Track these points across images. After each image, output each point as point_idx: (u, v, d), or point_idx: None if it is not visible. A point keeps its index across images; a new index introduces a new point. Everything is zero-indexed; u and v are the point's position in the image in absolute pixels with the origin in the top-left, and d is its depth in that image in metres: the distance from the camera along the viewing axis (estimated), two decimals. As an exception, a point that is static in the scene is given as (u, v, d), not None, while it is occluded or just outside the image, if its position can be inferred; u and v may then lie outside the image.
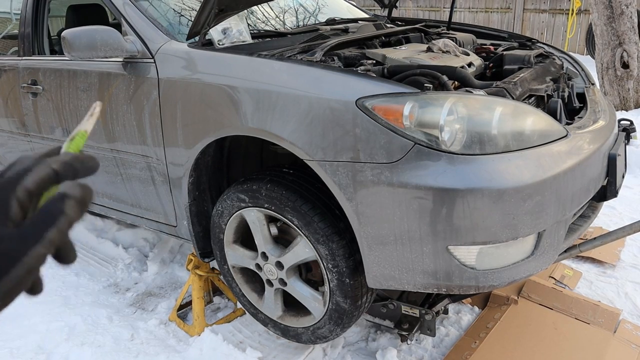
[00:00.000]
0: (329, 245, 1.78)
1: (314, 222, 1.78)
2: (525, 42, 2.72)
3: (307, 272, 2.03)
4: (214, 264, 2.48)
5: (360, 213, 1.64)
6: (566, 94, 2.24)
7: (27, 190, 0.41)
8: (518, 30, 10.17)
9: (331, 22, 2.84)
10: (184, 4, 2.46)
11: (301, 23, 2.83)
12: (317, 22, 2.87)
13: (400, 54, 2.09)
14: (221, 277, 2.44)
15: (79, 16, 3.01)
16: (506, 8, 10.40)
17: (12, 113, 2.82)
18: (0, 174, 0.44)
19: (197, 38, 2.03)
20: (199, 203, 2.17)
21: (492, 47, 2.57)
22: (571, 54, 2.81)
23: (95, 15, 3.13)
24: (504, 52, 2.32)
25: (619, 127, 2.23)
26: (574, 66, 2.68)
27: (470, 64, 2.12)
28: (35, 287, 0.42)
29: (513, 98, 1.77)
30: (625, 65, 5.49)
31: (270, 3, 2.69)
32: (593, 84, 2.57)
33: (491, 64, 2.27)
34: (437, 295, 2.15)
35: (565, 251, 1.91)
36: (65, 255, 0.43)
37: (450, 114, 1.54)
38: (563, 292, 2.38)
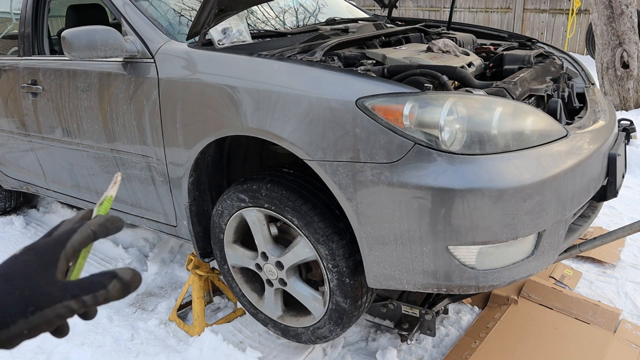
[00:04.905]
0: (329, 245, 1.78)
1: (314, 222, 1.78)
2: (525, 42, 2.72)
3: (307, 272, 2.03)
4: (214, 264, 2.48)
5: (360, 213, 1.64)
6: (566, 94, 2.24)
7: (73, 248, 0.51)
8: (518, 30, 10.17)
9: (331, 22, 2.84)
10: (184, 4, 2.46)
11: (301, 23, 2.83)
12: (317, 22, 2.87)
13: (400, 54, 2.09)
14: (221, 277, 2.44)
15: (79, 16, 3.01)
16: (506, 8, 10.40)
17: (12, 113, 2.83)
18: (48, 233, 0.54)
19: (197, 38, 2.03)
20: (199, 203, 2.17)
21: (492, 47, 2.57)
22: (571, 54, 2.81)
23: (95, 15, 3.14)
24: (504, 52, 2.32)
25: (619, 127, 2.23)
26: (574, 66, 2.68)
27: (470, 64, 2.12)
28: (61, 331, 0.51)
29: (513, 98, 1.77)
30: (625, 65, 5.49)
31: (270, 3, 2.69)
32: (593, 84, 2.58)
33: (491, 64, 2.27)
34: (437, 295, 2.15)
35: (565, 251, 1.91)
36: (88, 315, 0.52)
37: (450, 114, 1.54)
38: (563, 292, 2.38)
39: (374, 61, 2.06)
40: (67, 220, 0.56)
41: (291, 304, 2.11)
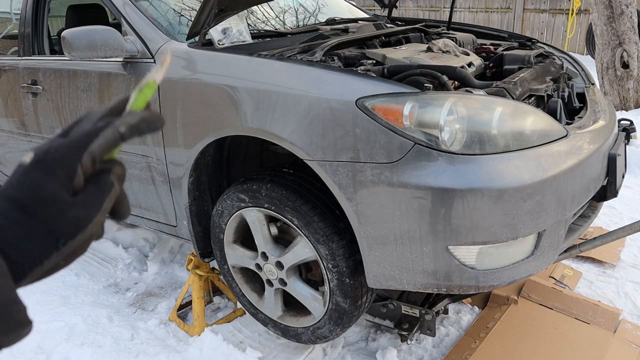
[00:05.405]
0: (329, 245, 1.78)
1: (314, 222, 1.78)
2: (525, 42, 2.72)
3: (307, 272, 2.03)
4: (214, 264, 2.48)
5: (360, 213, 1.64)
6: (566, 94, 2.24)
7: (92, 157, 0.43)
8: (518, 30, 10.17)
9: (331, 22, 2.84)
10: (184, 4, 2.46)
11: (301, 23, 2.83)
12: (317, 22, 2.87)
13: (400, 54, 2.09)
14: (221, 277, 2.44)
15: (79, 16, 3.01)
16: (506, 8, 10.40)
17: (12, 113, 2.82)
18: (66, 130, 0.45)
19: (197, 38, 2.03)
20: (199, 203, 2.17)
21: (492, 47, 2.57)
22: (571, 54, 2.81)
23: (95, 15, 3.14)
24: (504, 52, 2.32)
25: (619, 127, 2.23)
26: (574, 66, 2.68)
27: (470, 64, 2.12)
28: (97, 237, 0.45)
29: (513, 98, 1.77)
30: (625, 65, 5.49)
31: (270, 3, 2.69)
32: (593, 84, 2.58)
33: (491, 64, 2.27)
34: (437, 295, 2.15)
35: (565, 251, 1.91)
36: (119, 212, 0.47)
37: (450, 114, 1.54)
38: (563, 292, 2.38)
39: (374, 61, 2.06)
40: (93, 113, 0.46)
41: (291, 304, 2.11)
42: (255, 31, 2.39)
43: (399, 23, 3.16)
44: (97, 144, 0.43)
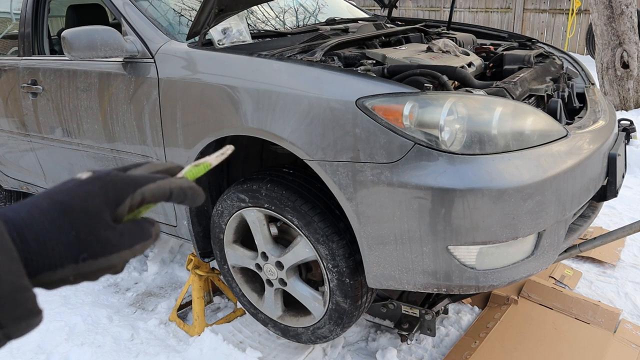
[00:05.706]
0: (329, 245, 1.78)
1: (314, 222, 1.78)
2: (525, 42, 2.72)
3: (307, 272, 2.03)
4: (214, 264, 2.48)
5: (360, 213, 1.64)
6: (566, 94, 2.25)
7: (143, 197, 0.46)
8: (518, 30, 10.17)
9: (331, 22, 2.84)
10: (184, 4, 2.46)
11: (301, 23, 2.83)
12: (317, 22, 2.87)
13: (400, 54, 2.09)
14: (221, 277, 2.44)
15: (79, 16, 3.01)
16: (506, 8, 10.40)
17: (12, 113, 2.82)
18: (124, 168, 0.49)
19: (197, 38, 2.03)
20: (199, 203, 2.17)
21: (492, 47, 2.57)
22: (571, 54, 2.81)
23: (95, 15, 3.14)
24: (504, 52, 2.32)
25: (619, 127, 2.23)
26: (574, 66, 2.68)
27: (470, 64, 2.12)
28: (116, 271, 0.46)
29: (513, 98, 1.77)
30: (625, 65, 5.49)
31: (270, 3, 2.69)
32: (593, 84, 2.58)
33: (491, 64, 2.27)
34: (437, 295, 2.15)
35: (565, 251, 1.91)
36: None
37: (450, 114, 1.54)
38: (563, 292, 2.38)
39: (374, 61, 2.06)
40: (152, 164, 0.51)
41: (291, 304, 2.11)
42: (255, 31, 2.39)
43: (399, 23, 3.16)
44: (151, 188, 0.46)
